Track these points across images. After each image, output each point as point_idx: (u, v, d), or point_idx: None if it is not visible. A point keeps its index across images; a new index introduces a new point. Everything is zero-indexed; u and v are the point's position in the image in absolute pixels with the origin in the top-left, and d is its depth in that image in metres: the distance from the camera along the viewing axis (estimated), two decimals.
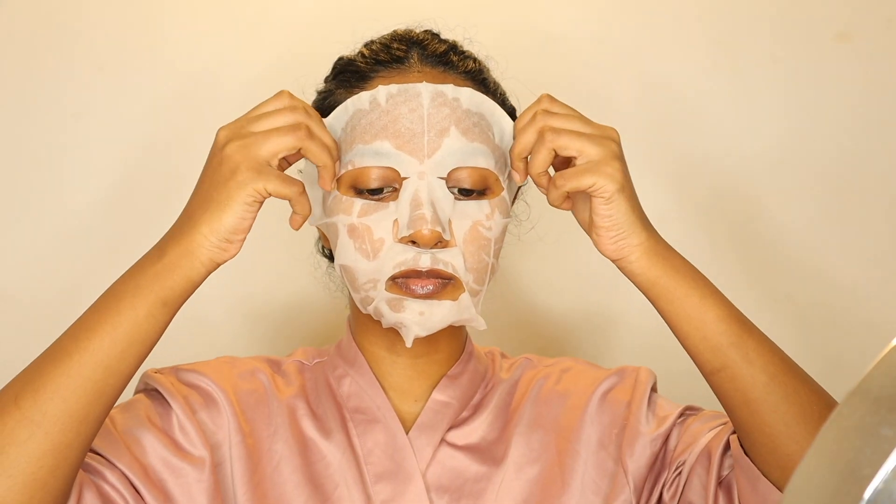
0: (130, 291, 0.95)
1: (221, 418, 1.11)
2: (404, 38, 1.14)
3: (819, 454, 0.58)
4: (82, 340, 0.94)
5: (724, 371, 1.00)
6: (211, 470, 1.08)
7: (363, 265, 1.03)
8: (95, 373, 0.94)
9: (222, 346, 1.57)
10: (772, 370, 0.99)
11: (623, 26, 1.61)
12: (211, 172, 0.96)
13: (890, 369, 0.58)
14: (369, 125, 1.03)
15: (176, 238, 0.96)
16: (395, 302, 1.03)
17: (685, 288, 1.00)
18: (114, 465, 1.03)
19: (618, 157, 0.99)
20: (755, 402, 0.98)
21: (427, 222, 1.00)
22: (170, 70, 1.56)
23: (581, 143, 0.98)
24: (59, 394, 0.93)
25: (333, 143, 1.01)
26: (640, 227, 1.00)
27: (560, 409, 1.16)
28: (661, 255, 1.01)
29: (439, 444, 1.12)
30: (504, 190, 1.07)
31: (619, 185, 0.98)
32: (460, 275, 1.03)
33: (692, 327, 1.00)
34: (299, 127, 0.96)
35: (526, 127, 1.01)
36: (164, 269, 0.96)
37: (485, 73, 1.15)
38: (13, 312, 1.52)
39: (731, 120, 1.61)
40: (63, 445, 0.93)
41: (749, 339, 1.00)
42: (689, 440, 1.11)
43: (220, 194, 0.95)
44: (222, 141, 0.96)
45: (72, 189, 1.54)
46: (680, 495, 1.09)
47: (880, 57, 1.60)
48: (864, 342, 1.56)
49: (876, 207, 1.61)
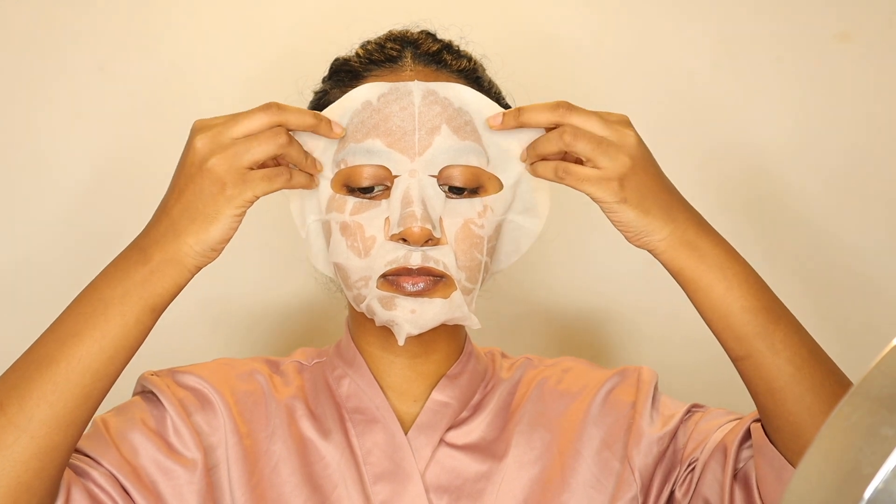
0: (118, 298, 0.96)
1: (217, 420, 1.11)
2: (399, 38, 1.15)
3: (819, 454, 0.58)
4: (70, 347, 0.95)
5: (748, 359, 1.01)
6: (204, 472, 1.08)
7: (355, 263, 1.03)
8: (83, 378, 0.94)
9: (223, 348, 1.57)
10: (798, 361, 0.99)
11: (622, 26, 1.61)
12: (192, 183, 0.96)
13: (890, 369, 0.58)
14: (361, 124, 1.03)
15: (160, 244, 0.96)
16: (386, 300, 1.03)
17: (709, 278, 1.00)
18: (102, 465, 1.03)
19: (625, 173, 0.98)
20: (780, 392, 0.99)
21: (417, 220, 1.00)
22: (170, 70, 1.56)
23: (594, 153, 0.98)
24: (45, 399, 0.93)
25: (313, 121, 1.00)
26: (659, 224, 1.00)
27: (561, 410, 1.16)
28: (688, 245, 1.01)
29: (438, 445, 1.12)
30: (503, 188, 1.06)
31: (620, 198, 0.98)
32: (452, 272, 1.03)
33: (716, 315, 1.01)
34: (279, 133, 0.97)
35: (546, 115, 1.00)
36: (151, 274, 0.96)
37: (479, 72, 1.15)
38: (13, 308, 1.52)
39: (730, 120, 1.61)
40: (49, 449, 0.94)
41: (776, 330, 1.00)
42: (699, 437, 1.11)
43: (208, 208, 0.95)
44: (203, 153, 0.96)
45: (72, 188, 1.54)
46: (693, 492, 1.09)
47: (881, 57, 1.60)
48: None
49: (876, 208, 1.61)
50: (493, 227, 1.06)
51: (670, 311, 1.60)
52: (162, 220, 0.97)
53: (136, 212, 1.10)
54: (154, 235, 0.97)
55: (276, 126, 0.97)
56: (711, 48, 1.60)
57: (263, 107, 0.97)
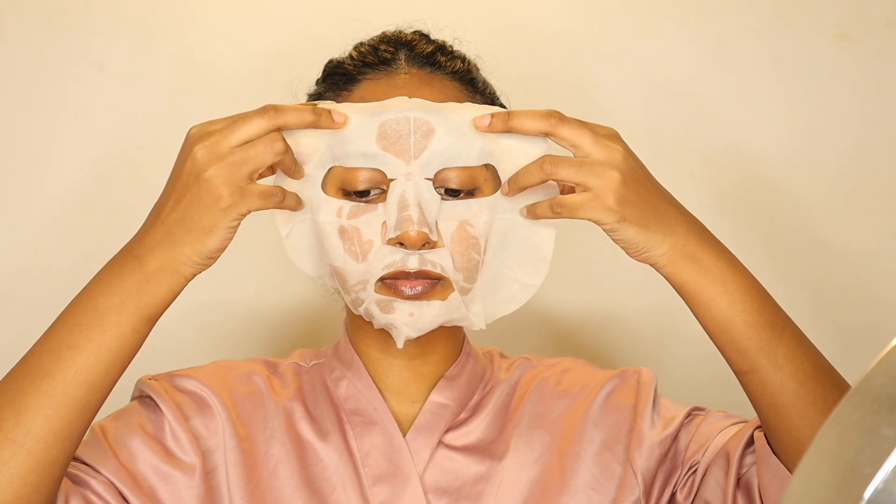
0: (114, 308, 0.94)
1: (215, 424, 1.11)
2: (392, 40, 1.15)
3: (819, 454, 0.58)
4: (65, 359, 0.93)
5: (752, 374, 1.00)
6: (202, 476, 1.08)
7: (352, 267, 1.03)
8: (80, 391, 0.93)
9: (221, 350, 1.57)
10: (801, 376, 0.98)
11: (620, 26, 1.61)
12: (189, 193, 0.94)
13: (890, 369, 0.58)
14: (356, 127, 1.03)
15: (155, 253, 0.95)
16: (384, 303, 1.03)
17: (712, 292, 0.99)
18: (100, 473, 1.03)
19: (616, 188, 0.96)
20: (782, 407, 0.99)
21: (414, 224, 1.00)
22: (169, 71, 1.56)
23: (579, 176, 0.96)
24: (41, 413, 0.92)
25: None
26: (659, 239, 0.99)
27: (561, 411, 1.16)
28: (690, 259, 0.99)
29: (437, 446, 1.12)
30: (499, 189, 1.05)
31: (619, 217, 0.96)
32: (449, 274, 1.03)
33: (719, 329, 1.00)
34: (275, 139, 0.95)
35: (537, 123, 0.97)
36: (146, 283, 0.94)
37: (473, 73, 1.15)
38: (13, 308, 1.53)
39: (730, 120, 1.61)
40: (47, 463, 0.93)
41: (779, 344, 0.99)
42: (701, 441, 1.11)
43: (204, 219, 0.93)
44: (200, 163, 0.93)
45: (72, 188, 1.54)
46: (695, 495, 1.09)
47: (880, 57, 1.60)
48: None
49: (875, 208, 1.61)
50: (488, 227, 1.05)
51: (669, 313, 1.60)
52: (157, 227, 0.96)
53: (136, 212, 1.09)
54: (149, 243, 0.95)
55: (274, 131, 0.95)
56: (710, 48, 1.60)
57: (260, 110, 0.96)
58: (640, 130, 1.60)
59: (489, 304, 1.07)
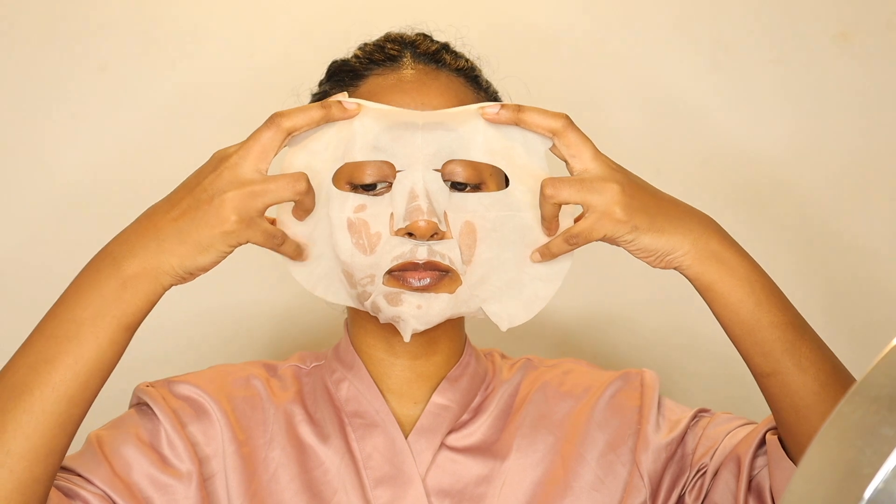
0: (90, 319, 0.91)
1: (213, 429, 1.10)
2: (397, 39, 1.15)
3: (819, 454, 0.58)
4: (43, 374, 0.90)
5: (775, 376, 0.99)
6: (199, 484, 1.07)
7: (360, 260, 1.02)
8: (59, 406, 0.90)
9: (223, 354, 1.57)
10: (823, 378, 0.98)
11: (620, 26, 1.61)
12: (197, 209, 0.92)
13: (890, 369, 0.58)
14: (363, 123, 1.02)
15: (138, 256, 0.92)
16: (392, 296, 1.02)
17: (740, 293, 0.98)
18: (94, 484, 1.02)
19: (620, 198, 0.96)
20: (805, 409, 0.98)
21: (423, 213, 1.00)
22: (170, 72, 1.56)
23: (580, 195, 0.96)
24: (21, 431, 0.89)
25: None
26: (678, 239, 0.98)
27: (564, 412, 1.16)
28: (714, 257, 0.98)
29: (439, 448, 1.12)
30: (506, 186, 1.05)
31: (630, 226, 0.96)
32: (457, 267, 1.02)
33: (744, 331, 0.99)
34: (299, 179, 0.93)
35: (547, 121, 0.98)
36: (123, 289, 0.91)
37: (477, 72, 1.16)
38: (12, 309, 1.53)
39: (730, 120, 1.61)
40: (31, 481, 0.90)
41: (803, 346, 0.98)
42: (709, 443, 1.11)
43: (203, 237, 0.91)
44: (221, 184, 0.92)
45: (72, 188, 1.54)
46: (704, 498, 1.09)
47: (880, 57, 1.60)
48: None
49: (876, 208, 1.61)
50: (497, 221, 1.03)
51: (670, 314, 1.60)
52: (146, 230, 0.93)
53: (136, 212, 1.09)
54: (132, 245, 0.93)
55: (300, 173, 0.93)
56: (710, 49, 1.60)
57: (267, 122, 0.94)
58: (640, 131, 1.60)
59: (509, 306, 1.05)
